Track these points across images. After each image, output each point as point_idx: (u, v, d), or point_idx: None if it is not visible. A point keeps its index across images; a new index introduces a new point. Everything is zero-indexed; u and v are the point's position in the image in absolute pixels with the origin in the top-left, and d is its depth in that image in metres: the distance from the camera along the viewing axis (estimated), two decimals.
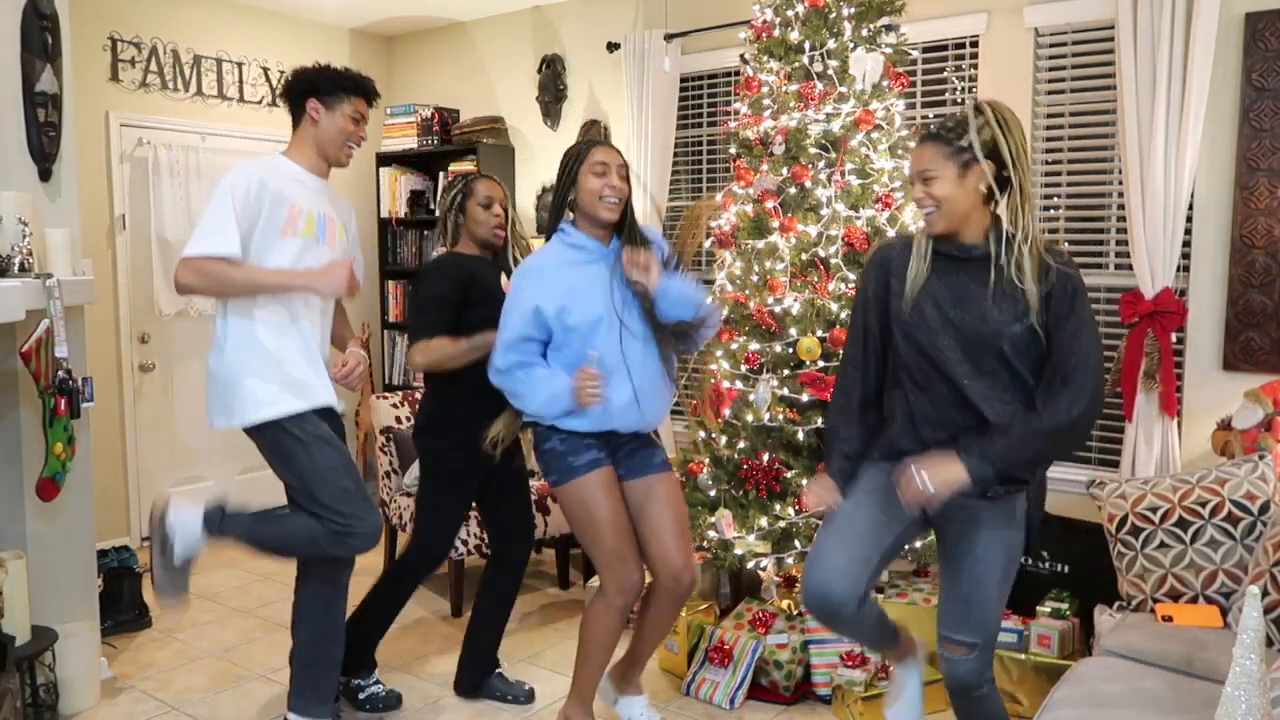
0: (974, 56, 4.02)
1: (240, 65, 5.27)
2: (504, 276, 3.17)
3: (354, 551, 2.73)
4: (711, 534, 3.44)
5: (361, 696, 3.19)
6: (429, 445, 3.14)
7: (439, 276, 3.06)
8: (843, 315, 3.25)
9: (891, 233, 3.29)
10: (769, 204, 3.39)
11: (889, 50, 3.37)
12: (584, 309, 2.58)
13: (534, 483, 4.16)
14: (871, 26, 3.36)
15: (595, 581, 3.14)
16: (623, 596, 2.70)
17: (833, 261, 3.30)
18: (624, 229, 2.67)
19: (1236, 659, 1.68)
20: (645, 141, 4.75)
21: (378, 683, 3.23)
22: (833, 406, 2.40)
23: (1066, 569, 3.44)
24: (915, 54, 4.04)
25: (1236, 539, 2.74)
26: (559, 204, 2.68)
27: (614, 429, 2.67)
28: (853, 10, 3.34)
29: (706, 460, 3.53)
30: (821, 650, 3.24)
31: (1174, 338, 3.49)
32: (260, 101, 5.37)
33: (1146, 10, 3.38)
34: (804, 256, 3.32)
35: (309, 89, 2.76)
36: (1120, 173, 3.60)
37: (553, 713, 3.15)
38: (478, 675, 3.29)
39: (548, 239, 2.72)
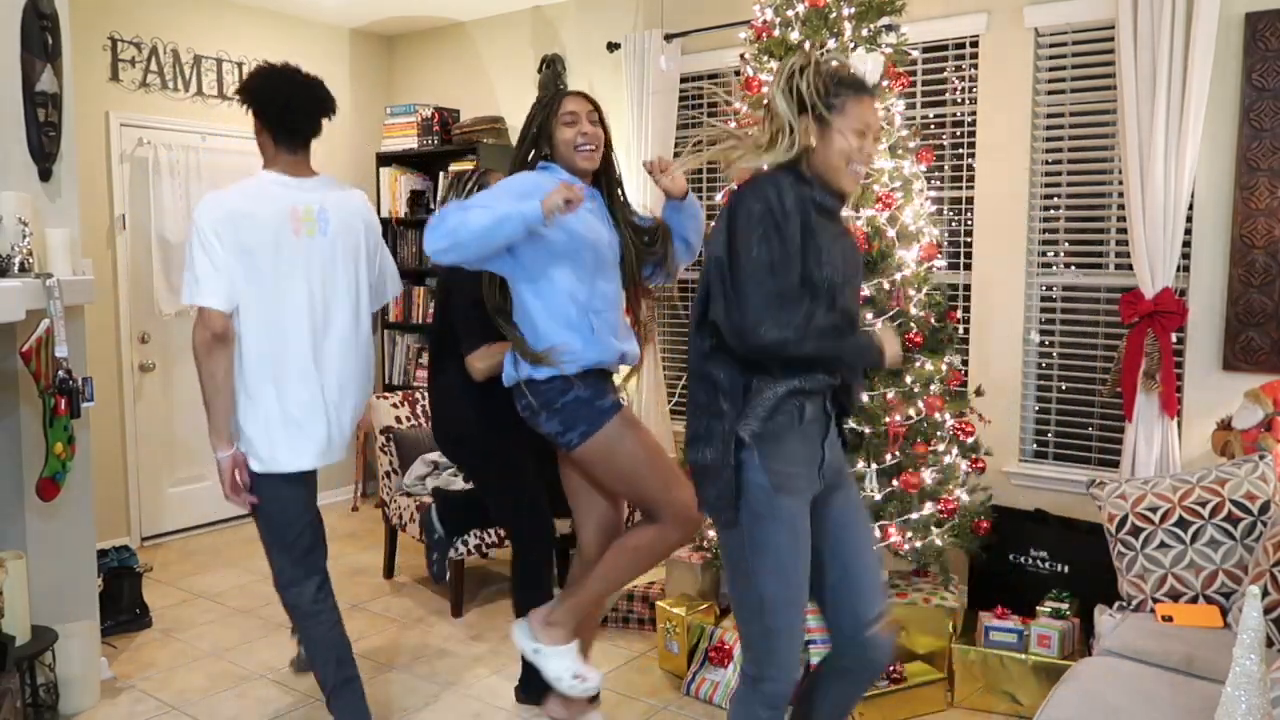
0: (974, 56, 4.02)
1: (240, 65, 5.26)
2: None
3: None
4: (711, 534, 3.44)
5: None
6: (468, 449, 3.14)
7: (465, 278, 2.99)
8: None
9: (891, 233, 3.28)
10: None
11: (889, 50, 3.37)
12: (588, 222, 2.46)
13: None
14: (871, 26, 3.36)
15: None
16: (683, 529, 2.50)
17: None
18: (604, 176, 2.59)
19: (1236, 659, 1.68)
20: (645, 141, 4.75)
21: None
22: (820, 334, 2.00)
23: (1066, 569, 3.44)
24: (915, 54, 4.04)
25: (1236, 539, 2.73)
26: (527, 156, 2.56)
27: (624, 354, 2.55)
28: (853, 10, 3.33)
29: None
30: (821, 650, 3.23)
31: (1174, 338, 3.49)
32: None
33: (1146, 10, 3.38)
34: None
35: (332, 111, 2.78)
36: (1120, 173, 3.59)
37: None
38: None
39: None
